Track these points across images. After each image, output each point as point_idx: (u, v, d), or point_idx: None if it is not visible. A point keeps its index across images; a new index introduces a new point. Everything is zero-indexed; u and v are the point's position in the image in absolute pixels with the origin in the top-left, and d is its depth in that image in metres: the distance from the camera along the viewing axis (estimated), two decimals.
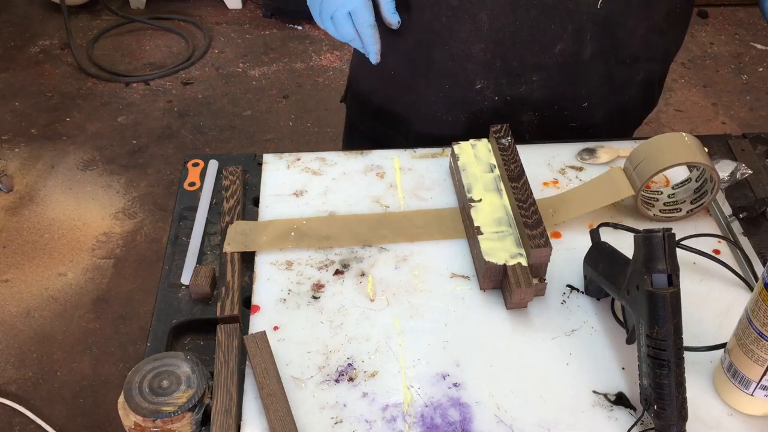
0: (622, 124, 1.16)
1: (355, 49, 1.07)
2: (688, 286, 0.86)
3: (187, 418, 0.72)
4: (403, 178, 1.00)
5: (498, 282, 0.85)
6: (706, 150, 0.93)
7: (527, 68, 1.02)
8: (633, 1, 0.97)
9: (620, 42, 1.01)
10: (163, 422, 0.71)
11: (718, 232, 0.93)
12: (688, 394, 0.70)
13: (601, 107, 1.09)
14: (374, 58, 0.96)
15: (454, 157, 0.96)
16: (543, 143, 1.06)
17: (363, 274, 0.88)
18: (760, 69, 2.92)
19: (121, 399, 0.72)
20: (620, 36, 1.01)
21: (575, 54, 1.01)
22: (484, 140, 0.98)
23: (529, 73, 1.03)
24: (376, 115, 1.18)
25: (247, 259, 0.90)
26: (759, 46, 3.04)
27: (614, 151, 1.03)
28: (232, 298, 0.83)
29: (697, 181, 0.95)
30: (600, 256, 0.82)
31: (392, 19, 0.96)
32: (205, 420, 0.74)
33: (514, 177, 0.91)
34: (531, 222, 0.85)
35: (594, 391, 0.77)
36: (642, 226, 0.91)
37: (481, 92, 1.05)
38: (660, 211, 0.95)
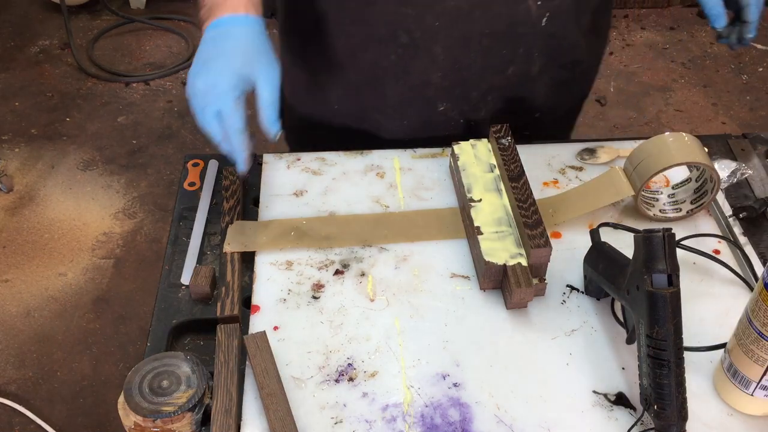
0: (567, 119, 1.19)
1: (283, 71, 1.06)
2: (688, 286, 0.85)
3: (187, 418, 0.72)
4: (403, 178, 1.00)
5: (498, 282, 0.85)
6: (706, 150, 0.93)
7: (484, 93, 1.04)
8: (568, 10, 0.99)
9: (563, 51, 1.04)
10: (163, 422, 0.71)
11: (718, 232, 0.93)
12: (688, 394, 0.70)
13: (550, 112, 1.11)
14: (241, 166, 0.85)
15: (454, 157, 0.96)
16: (543, 143, 1.06)
17: (363, 274, 0.88)
18: (760, 69, 2.92)
19: (121, 399, 0.72)
20: (563, 47, 1.03)
21: (526, 72, 1.03)
22: (484, 140, 0.98)
23: (485, 97, 1.05)
24: (326, 141, 1.11)
25: (247, 259, 0.90)
26: (759, 46, 3.03)
27: (614, 151, 1.03)
28: (232, 298, 0.83)
29: (697, 181, 0.95)
30: (600, 256, 0.82)
31: (270, 130, 0.84)
32: (205, 420, 0.74)
33: (514, 177, 0.91)
34: (531, 222, 0.85)
35: (594, 391, 0.77)
36: (642, 226, 0.91)
37: (445, 113, 1.06)
38: (660, 211, 0.95)
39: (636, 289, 0.71)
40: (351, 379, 0.78)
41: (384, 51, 0.99)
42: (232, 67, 0.82)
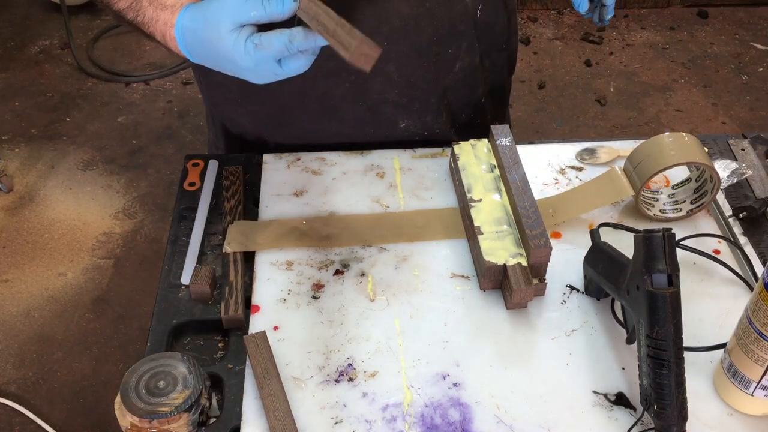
0: (503, 99, 1.20)
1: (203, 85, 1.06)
2: (688, 286, 0.85)
3: (184, 418, 0.71)
4: (403, 178, 1.00)
5: (498, 282, 0.85)
6: (706, 150, 0.93)
7: (441, 96, 1.05)
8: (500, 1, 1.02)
9: (497, 35, 1.06)
10: (160, 423, 0.71)
11: (718, 232, 0.93)
12: (688, 394, 0.70)
13: (491, 95, 1.13)
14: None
15: (454, 157, 0.96)
16: (543, 143, 1.06)
17: (363, 274, 0.88)
18: (760, 69, 2.92)
19: (118, 399, 0.72)
20: (497, 31, 1.05)
21: (471, 64, 1.04)
22: (484, 140, 0.98)
23: (443, 100, 1.05)
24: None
25: (247, 259, 0.90)
26: (759, 46, 3.03)
27: (614, 151, 1.03)
28: (236, 299, 0.83)
29: (697, 181, 0.95)
30: (600, 256, 0.82)
31: (285, 12, 0.74)
32: (202, 421, 0.74)
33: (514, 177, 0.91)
34: (531, 222, 0.85)
35: (594, 391, 0.77)
36: (642, 226, 0.91)
37: (408, 129, 1.06)
38: (660, 211, 0.95)
39: (636, 289, 0.71)
40: (351, 379, 0.78)
41: (335, 82, 0.99)
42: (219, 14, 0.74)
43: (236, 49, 0.74)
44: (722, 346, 0.77)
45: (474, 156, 0.96)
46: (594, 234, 0.87)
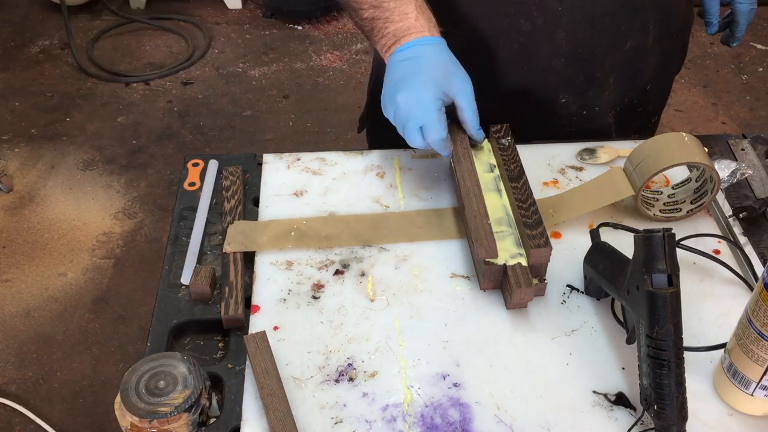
0: (665, 91, 1.20)
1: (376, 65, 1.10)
2: (688, 286, 0.85)
3: (184, 418, 0.71)
4: (403, 178, 1.00)
5: (498, 282, 0.85)
6: (706, 150, 0.93)
7: (607, 73, 1.05)
8: None
9: (672, 21, 1.05)
10: (160, 423, 0.71)
11: (718, 232, 0.93)
12: (688, 394, 0.70)
13: (656, 83, 1.12)
14: (445, 154, 0.92)
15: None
16: (543, 143, 1.06)
17: (363, 274, 0.88)
18: (760, 69, 2.92)
19: (118, 399, 0.72)
20: (673, 16, 1.05)
21: (642, 45, 1.04)
22: (485, 140, 0.98)
23: (608, 78, 1.05)
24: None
25: (247, 259, 0.90)
26: (759, 46, 3.03)
27: (614, 151, 1.03)
28: (236, 299, 0.83)
29: (697, 181, 0.95)
30: (600, 256, 0.82)
31: (478, 136, 0.94)
32: (203, 421, 0.74)
33: (514, 177, 0.91)
34: (531, 222, 0.85)
35: (594, 391, 0.77)
36: (642, 226, 0.91)
37: (566, 107, 1.06)
38: (660, 211, 0.95)
39: (636, 289, 0.71)
40: (351, 379, 0.78)
41: (505, 41, 0.99)
42: (434, 80, 0.87)
43: (427, 105, 0.86)
44: (722, 346, 0.77)
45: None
46: (594, 234, 0.87)
